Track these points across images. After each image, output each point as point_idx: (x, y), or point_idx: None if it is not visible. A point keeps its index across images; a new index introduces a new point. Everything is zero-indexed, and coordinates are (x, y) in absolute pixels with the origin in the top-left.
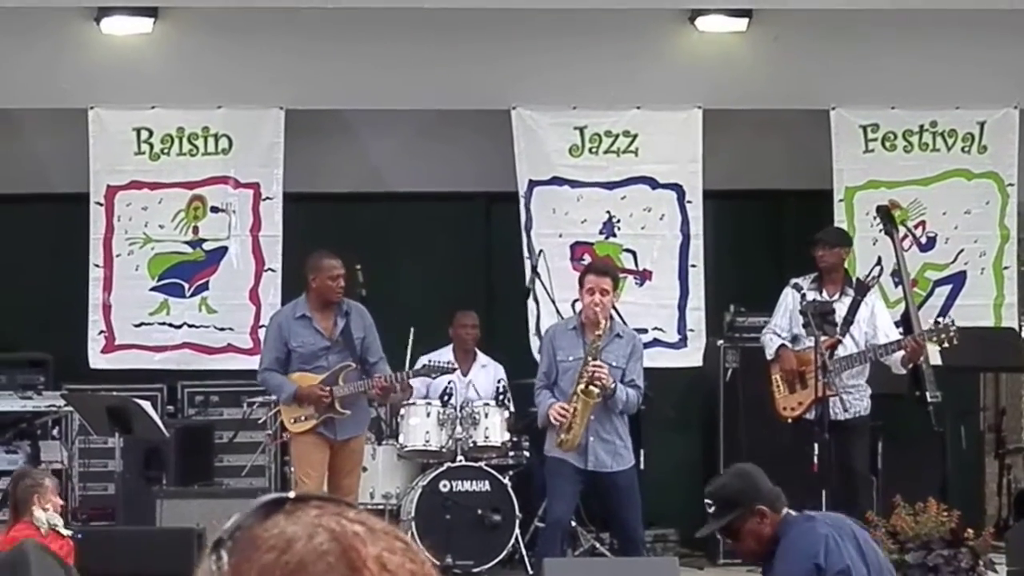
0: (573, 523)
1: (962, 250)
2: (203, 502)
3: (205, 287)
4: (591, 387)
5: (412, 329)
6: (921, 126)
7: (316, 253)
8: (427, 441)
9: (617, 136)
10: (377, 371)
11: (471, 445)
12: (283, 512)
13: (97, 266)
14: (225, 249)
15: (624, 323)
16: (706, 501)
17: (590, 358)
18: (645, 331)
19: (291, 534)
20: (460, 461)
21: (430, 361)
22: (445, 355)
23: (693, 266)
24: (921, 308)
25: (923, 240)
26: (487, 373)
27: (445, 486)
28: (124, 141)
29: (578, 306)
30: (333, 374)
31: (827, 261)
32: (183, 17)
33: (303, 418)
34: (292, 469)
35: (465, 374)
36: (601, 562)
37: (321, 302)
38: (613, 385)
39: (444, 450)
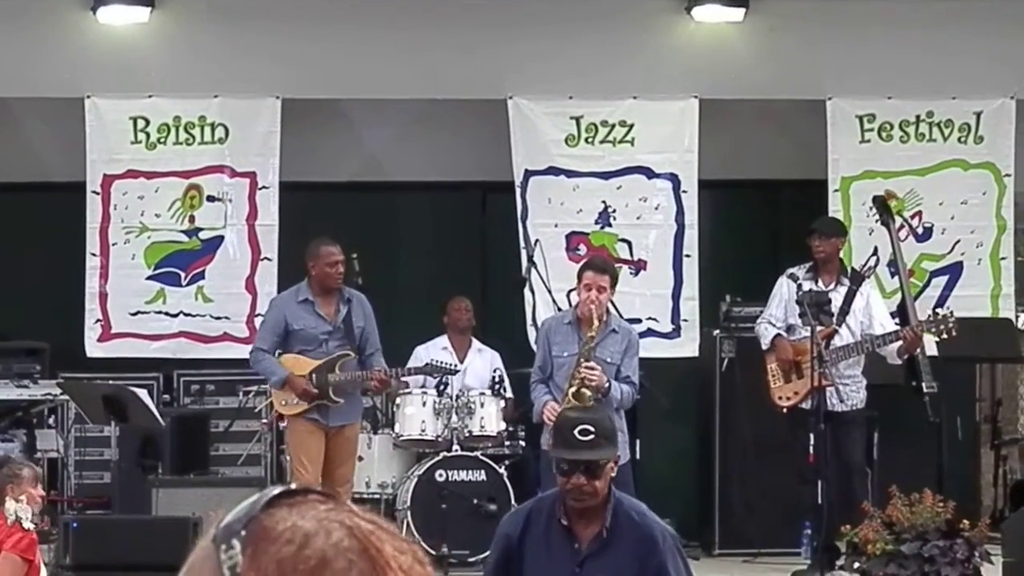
0: None
1: (959, 240)
2: (199, 491)
3: (201, 276)
4: (583, 390)
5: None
6: (918, 116)
7: (315, 240)
8: (423, 430)
9: (613, 126)
10: (373, 363)
11: (467, 435)
12: (285, 505)
13: (94, 255)
14: (221, 238)
15: (621, 317)
16: (584, 428)
17: (583, 359)
18: (639, 321)
19: (307, 528)
20: (456, 451)
21: (432, 360)
22: (440, 343)
23: (687, 256)
24: (918, 299)
25: (920, 230)
26: (483, 359)
27: (441, 475)
28: (121, 130)
29: (574, 297)
30: (330, 361)
31: (823, 251)
32: (180, 6)
33: (295, 401)
34: (288, 457)
35: (461, 361)
36: None
37: (322, 288)
38: (607, 384)
39: (440, 439)
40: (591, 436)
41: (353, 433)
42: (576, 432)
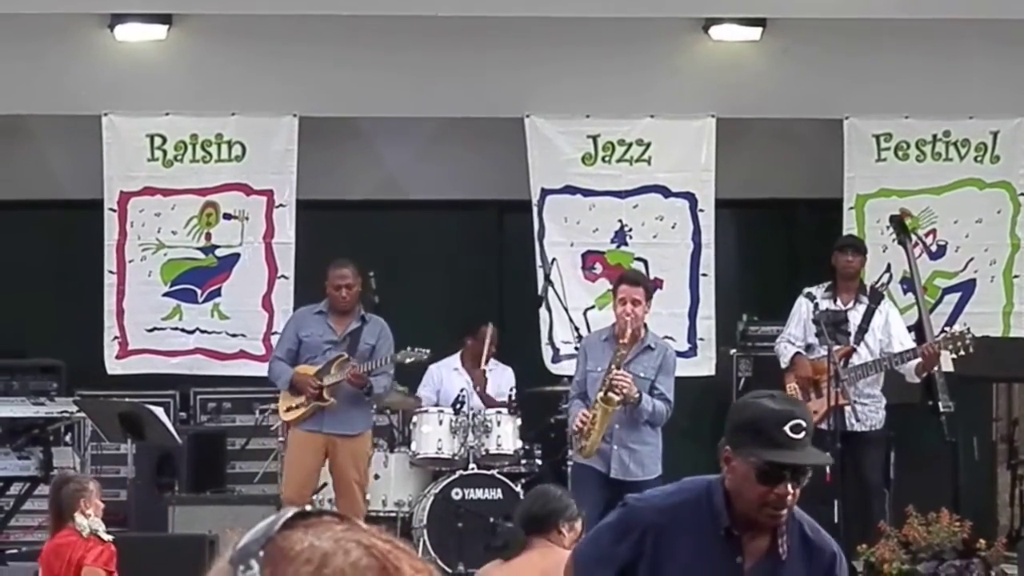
0: None
1: (972, 258)
2: (215, 508)
3: (218, 293)
4: (610, 394)
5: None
6: (934, 136)
7: (335, 260)
8: (439, 449)
9: (630, 145)
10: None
11: (483, 453)
12: (301, 526)
13: (111, 272)
14: (238, 256)
15: (656, 336)
16: (796, 423)
17: (614, 366)
18: None
19: (325, 548)
20: (472, 469)
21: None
22: (452, 363)
23: (704, 275)
24: (930, 315)
25: (933, 248)
26: (495, 376)
27: (457, 494)
28: (138, 148)
29: (591, 315)
30: (328, 363)
31: (854, 267)
32: (197, 24)
33: (295, 406)
34: None
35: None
36: None
37: (334, 309)
38: (637, 395)
39: (456, 458)
40: (803, 434)
41: (360, 446)
42: (788, 429)
